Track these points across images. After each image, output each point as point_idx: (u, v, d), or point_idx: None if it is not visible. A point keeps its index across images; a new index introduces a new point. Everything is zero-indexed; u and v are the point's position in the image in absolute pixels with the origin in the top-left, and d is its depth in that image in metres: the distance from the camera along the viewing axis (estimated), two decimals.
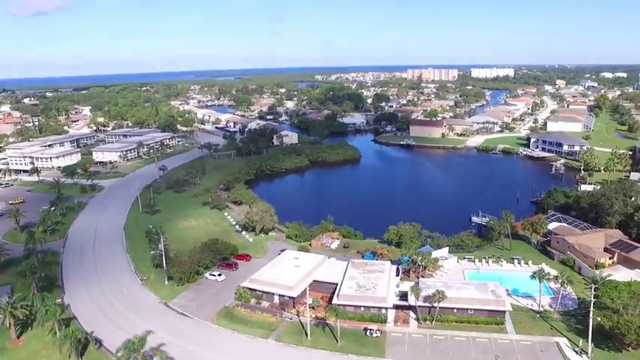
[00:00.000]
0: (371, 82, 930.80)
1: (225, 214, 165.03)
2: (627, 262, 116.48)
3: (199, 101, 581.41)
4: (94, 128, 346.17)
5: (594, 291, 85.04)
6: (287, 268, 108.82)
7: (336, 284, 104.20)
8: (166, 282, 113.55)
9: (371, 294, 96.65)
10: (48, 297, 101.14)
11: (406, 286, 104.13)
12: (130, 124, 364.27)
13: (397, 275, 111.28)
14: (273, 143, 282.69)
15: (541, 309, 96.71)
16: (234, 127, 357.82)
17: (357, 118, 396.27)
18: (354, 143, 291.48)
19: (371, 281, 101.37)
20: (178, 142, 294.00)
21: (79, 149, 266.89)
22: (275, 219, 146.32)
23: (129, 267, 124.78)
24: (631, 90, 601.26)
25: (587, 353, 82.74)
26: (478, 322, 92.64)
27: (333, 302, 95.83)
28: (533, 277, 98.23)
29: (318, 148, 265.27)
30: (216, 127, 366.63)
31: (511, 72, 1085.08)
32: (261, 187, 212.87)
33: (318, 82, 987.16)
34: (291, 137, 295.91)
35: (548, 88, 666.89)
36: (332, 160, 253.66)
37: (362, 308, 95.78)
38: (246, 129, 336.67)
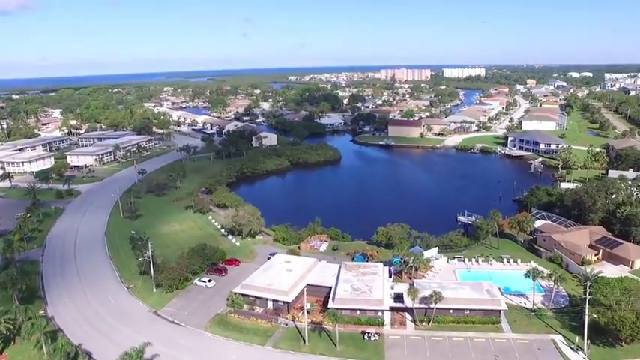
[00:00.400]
0: (345, 83, 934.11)
1: (210, 217, 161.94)
2: (612, 257, 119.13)
3: (173, 103, 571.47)
4: (67, 131, 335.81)
5: (589, 288, 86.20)
6: (279, 273, 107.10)
7: (330, 288, 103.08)
8: (154, 289, 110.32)
9: (367, 297, 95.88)
10: (31, 309, 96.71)
11: (400, 287, 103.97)
12: (103, 126, 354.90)
13: (390, 277, 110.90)
14: (252, 145, 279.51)
15: (534, 307, 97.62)
16: (211, 128, 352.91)
17: (334, 119, 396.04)
18: (333, 144, 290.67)
19: (365, 284, 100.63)
20: (155, 144, 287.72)
21: (52, 153, 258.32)
22: (262, 222, 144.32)
23: (113, 275, 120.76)
24: (598, 89, 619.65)
25: (583, 350, 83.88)
26: (474, 322, 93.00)
27: (329, 306, 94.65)
28: (527, 275, 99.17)
29: (298, 149, 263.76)
30: (193, 129, 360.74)
31: (482, 72, 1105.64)
32: (243, 189, 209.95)
33: (292, 82, 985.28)
34: (270, 139, 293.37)
35: (519, 87, 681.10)
36: (313, 162, 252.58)
37: (358, 311, 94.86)
38: (224, 131, 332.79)
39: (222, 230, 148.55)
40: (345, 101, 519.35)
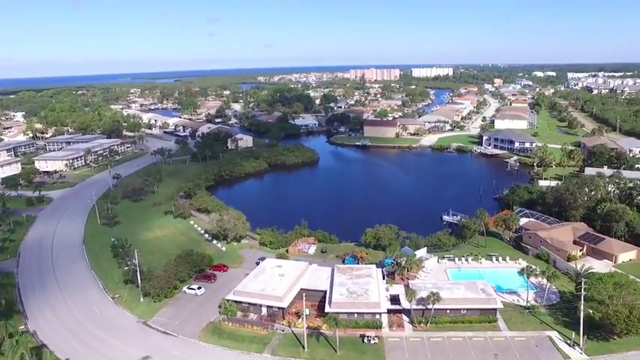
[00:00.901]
0: (315, 83, 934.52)
1: (192, 222, 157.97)
2: (595, 253, 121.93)
3: (142, 105, 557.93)
4: (31, 135, 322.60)
5: (584, 284, 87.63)
6: (272, 278, 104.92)
7: (324, 292, 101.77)
8: (142, 299, 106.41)
9: (364, 300, 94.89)
10: (11, 324, 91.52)
11: (395, 289, 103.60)
12: (71, 130, 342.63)
13: (383, 279, 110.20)
14: (227, 147, 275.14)
15: (528, 304, 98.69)
16: (184, 131, 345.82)
17: (308, 120, 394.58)
18: (308, 145, 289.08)
19: (361, 286, 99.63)
20: (127, 148, 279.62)
21: (17, 158, 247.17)
22: (247, 226, 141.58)
23: (96, 284, 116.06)
24: (562, 88, 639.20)
25: (579, 345, 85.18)
26: (472, 321, 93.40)
27: (326, 311, 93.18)
28: (520, 273, 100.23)
29: (275, 151, 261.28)
30: (165, 132, 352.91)
31: (450, 71, 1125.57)
32: (222, 192, 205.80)
33: (261, 83, 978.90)
34: (246, 140, 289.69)
35: (488, 86, 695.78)
36: (291, 163, 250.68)
37: (355, 315, 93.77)
38: (197, 133, 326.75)
39: (206, 235, 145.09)
40: (317, 102, 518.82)
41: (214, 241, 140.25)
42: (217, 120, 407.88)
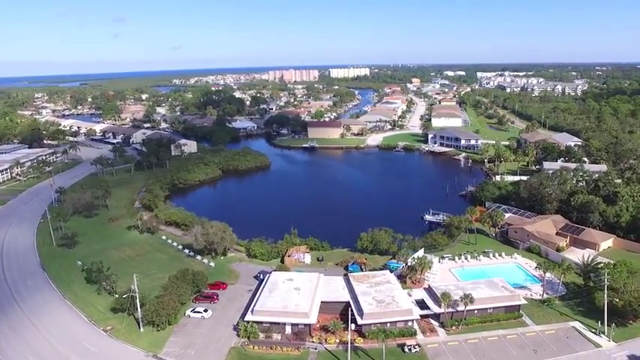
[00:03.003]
0: (235, 85, 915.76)
1: (164, 237, 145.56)
2: (577, 243, 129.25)
3: (53, 111, 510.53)
4: None
5: (606, 274, 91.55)
6: (288, 293, 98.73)
7: (345, 303, 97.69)
8: (141, 328, 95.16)
9: (394, 308, 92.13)
10: None
11: (415, 294, 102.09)
12: None
13: None
14: (171, 154, 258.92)
15: (544, 297, 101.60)
16: (115, 137, 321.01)
17: (246, 123, 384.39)
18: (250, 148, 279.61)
19: (386, 294, 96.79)
20: (57, 157, 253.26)
21: None
22: (234, 238, 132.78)
23: (78, 317, 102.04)
24: (477, 87, 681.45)
25: (604, 333, 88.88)
26: (499, 319, 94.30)
27: (359, 323, 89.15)
28: (538, 267, 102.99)
29: (225, 156, 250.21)
30: (92, 139, 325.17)
31: (367, 71, 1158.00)
32: (180, 202, 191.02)
33: (177, 86, 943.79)
34: (190, 146, 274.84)
35: (410, 86, 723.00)
36: (244, 168, 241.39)
37: (388, 324, 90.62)
38: (131, 139, 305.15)
39: (187, 251, 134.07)
40: (247, 104, 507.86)
41: (198, 257, 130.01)
42: (146, 125, 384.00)
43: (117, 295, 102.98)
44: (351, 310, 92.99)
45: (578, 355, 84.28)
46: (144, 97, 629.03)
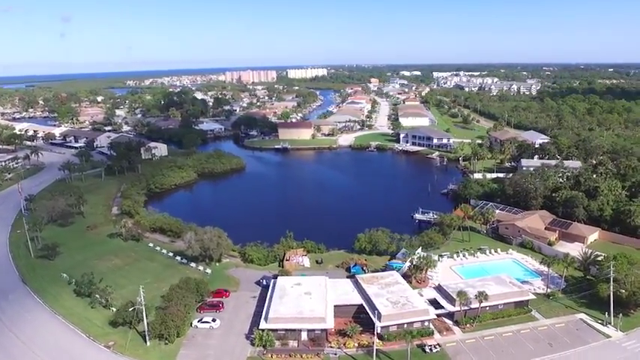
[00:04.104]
0: (193, 86, 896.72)
1: (151, 245, 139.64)
2: (566, 237, 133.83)
3: (2, 114, 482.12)
4: None
5: (612, 267, 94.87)
6: (299, 298, 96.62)
7: (357, 305, 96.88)
8: (147, 342, 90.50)
9: (410, 308, 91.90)
10: None
11: (426, 293, 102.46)
12: None
13: None
14: (142, 157, 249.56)
15: (548, 291, 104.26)
16: (77, 141, 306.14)
17: (213, 124, 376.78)
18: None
19: (399, 295, 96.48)
20: (18, 163, 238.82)
21: None
22: (230, 243, 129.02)
23: (74, 333, 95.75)
24: (435, 87, 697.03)
25: (610, 323, 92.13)
26: (510, 315, 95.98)
27: (377, 325, 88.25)
28: (543, 262, 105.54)
29: (199, 159, 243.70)
30: (52, 143, 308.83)
31: (324, 72, 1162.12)
32: (159, 207, 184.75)
33: (132, 87, 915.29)
34: (160, 149, 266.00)
35: (371, 86, 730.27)
36: (220, 171, 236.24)
37: (405, 325, 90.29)
38: (95, 143, 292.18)
39: (179, 258, 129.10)
40: (209, 105, 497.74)
41: (192, 264, 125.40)
42: (107, 128, 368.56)
43: (113, 308, 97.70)
44: (366, 313, 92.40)
45: (592, 346, 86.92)
46: (99, 99, 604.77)
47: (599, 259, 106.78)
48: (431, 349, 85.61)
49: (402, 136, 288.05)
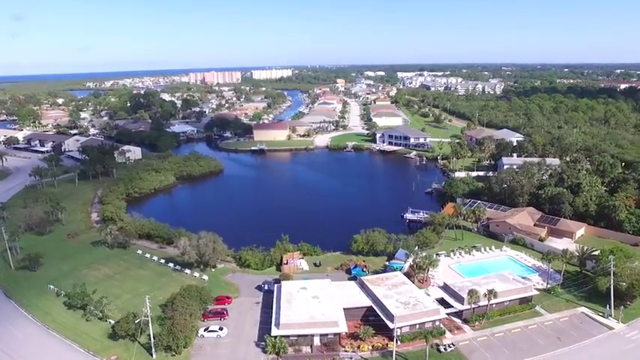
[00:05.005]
0: (156, 87, 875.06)
1: (139, 252, 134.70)
2: (555, 233, 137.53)
3: None
4: None
5: (612, 261, 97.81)
6: (307, 302, 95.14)
7: (366, 308, 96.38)
8: (153, 355, 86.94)
9: (422, 309, 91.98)
10: None
11: (433, 292, 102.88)
12: None
13: None
14: (116, 161, 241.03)
15: (548, 286, 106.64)
16: (43, 145, 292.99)
17: (185, 126, 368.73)
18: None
19: (407, 296, 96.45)
20: None
21: None
22: (225, 248, 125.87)
23: (70, 348, 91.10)
24: (401, 87, 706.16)
25: (611, 315, 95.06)
26: (515, 311, 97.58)
27: (391, 327, 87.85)
28: (543, 259, 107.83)
29: (174, 162, 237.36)
30: (15, 147, 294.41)
31: (289, 72, 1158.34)
32: (140, 212, 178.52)
33: (93, 89, 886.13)
34: (134, 152, 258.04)
35: (338, 86, 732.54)
36: (198, 174, 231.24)
37: (417, 326, 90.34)
38: (63, 147, 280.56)
39: (172, 265, 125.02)
40: (178, 107, 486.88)
41: (187, 271, 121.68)
42: (73, 131, 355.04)
43: (110, 320, 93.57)
44: (374, 315, 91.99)
45: (598, 338, 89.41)
46: (60, 101, 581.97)
47: (594, 253, 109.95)
48: (446, 349, 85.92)
49: (378, 135, 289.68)
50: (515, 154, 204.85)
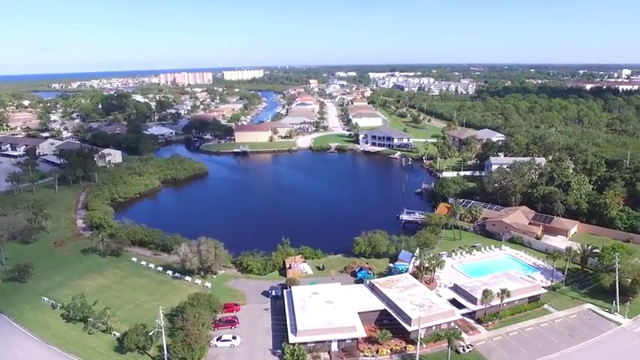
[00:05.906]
0: (125, 88, 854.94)
1: (134, 259, 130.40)
2: (549, 231, 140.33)
3: None
4: None
5: (617, 258, 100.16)
6: (321, 307, 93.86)
7: (380, 311, 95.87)
8: None
9: (437, 310, 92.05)
10: None
11: (444, 293, 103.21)
12: None
13: None
14: (97, 165, 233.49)
15: (553, 284, 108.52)
16: (14, 149, 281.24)
17: (162, 129, 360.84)
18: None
19: (421, 298, 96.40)
20: None
21: None
22: (226, 254, 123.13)
23: None
24: (375, 87, 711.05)
25: (617, 311, 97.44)
26: (525, 309, 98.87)
27: (409, 330, 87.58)
28: (548, 257, 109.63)
29: (157, 165, 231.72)
30: None
31: (261, 73, 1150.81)
32: (128, 218, 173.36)
33: (59, 91, 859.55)
34: (114, 156, 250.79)
35: (313, 87, 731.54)
36: (183, 177, 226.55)
37: (433, 328, 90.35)
38: (38, 151, 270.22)
39: (171, 272, 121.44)
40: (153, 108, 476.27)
41: (187, 278, 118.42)
42: (44, 134, 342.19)
43: (115, 333, 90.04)
44: (388, 318, 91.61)
45: (608, 334, 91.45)
46: (26, 103, 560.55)
47: (596, 251, 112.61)
48: (464, 349, 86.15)
49: (361, 136, 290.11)
50: (501, 154, 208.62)
